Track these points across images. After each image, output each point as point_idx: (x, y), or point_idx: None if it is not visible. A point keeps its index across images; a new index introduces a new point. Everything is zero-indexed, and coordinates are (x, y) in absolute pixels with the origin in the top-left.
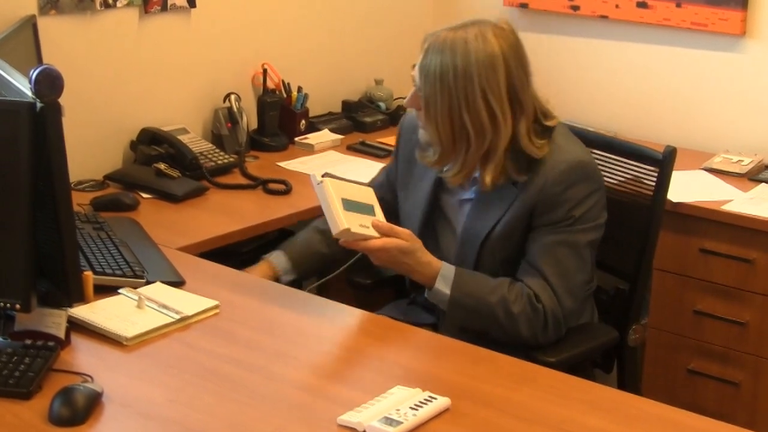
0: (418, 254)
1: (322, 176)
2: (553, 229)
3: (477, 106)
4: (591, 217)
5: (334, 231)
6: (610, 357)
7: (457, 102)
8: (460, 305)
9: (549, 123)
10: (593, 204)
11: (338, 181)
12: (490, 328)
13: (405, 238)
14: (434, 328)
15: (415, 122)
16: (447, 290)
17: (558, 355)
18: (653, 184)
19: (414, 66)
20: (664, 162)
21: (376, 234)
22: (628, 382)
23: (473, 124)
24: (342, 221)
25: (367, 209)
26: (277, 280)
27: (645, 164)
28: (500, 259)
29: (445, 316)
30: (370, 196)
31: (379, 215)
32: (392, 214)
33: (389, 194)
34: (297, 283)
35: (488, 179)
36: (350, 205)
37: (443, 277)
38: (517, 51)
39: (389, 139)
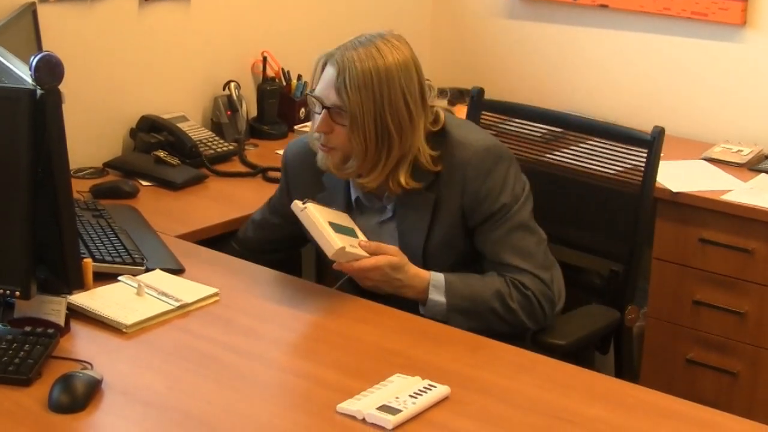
0: (407, 267)
1: (303, 203)
2: (495, 223)
3: (399, 107)
4: (518, 192)
5: (330, 252)
6: (606, 338)
7: (381, 105)
8: (458, 310)
9: (437, 128)
10: (513, 179)
11: (320, 206)
12: (492, 324)
13: (393, 253)
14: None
15: (302, 152)
16: (442, 298)
17: (567, 338)
18: (642, 166)
19: (311, 93)
20: (653, 143)
21: (365, 254)
22: (625, 364)
23: (395, 126)
24: (336, 242)
25: (350, 232)
26: None
27: (634, 147)
28: (448, 265)
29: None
30: (348, 220)
31: (362, 237)
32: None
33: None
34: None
35: (402, 180)
36: (336, 228)
37: (434, 286)
38: (416, 59)
39: None
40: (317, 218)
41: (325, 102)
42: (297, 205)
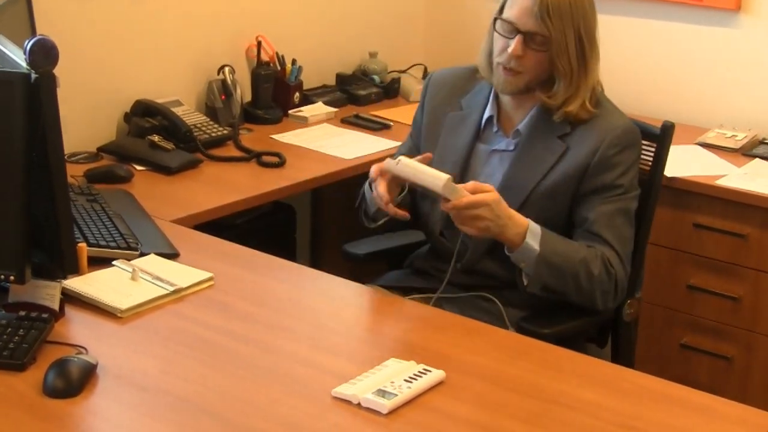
0: (506, 206)
1: (395, 159)
2: (607, 197)
3: (591, 34)
4: (635, 185)
5: (439, 185)
6: (604, 332)
7: (579, 31)
8: (547, 263)
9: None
10: (635, 172)
11: (412, 160)
12: (569, 288)
13: (492, 191)
14: (429, 291)
15: (449, 75)
16: (537, 246)
17: (551, 328)
18: (650, 159)
19: (499, 17)
20: (662, 137)
21: (468, 193)
22: (622, 357)
23: (590, 51)
24: (441, 175)
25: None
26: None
27: (643, 140)
28: (537, 219)
29: (530, 275)
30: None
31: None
32: None
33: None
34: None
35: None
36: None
37: (532, 231)
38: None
39: (383, 112)
40: (416, 164)
41: (521, 27)
42: (389, 162)
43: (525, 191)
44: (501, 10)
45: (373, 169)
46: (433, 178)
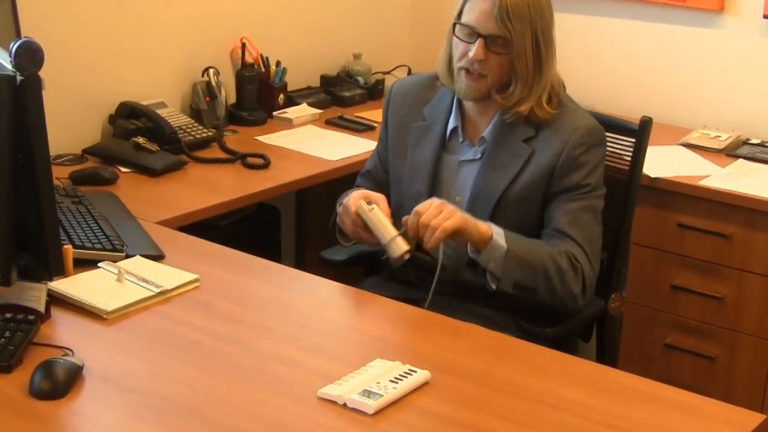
0: (469, 223)
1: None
2: (573, 195)
3: (548, 35)
4: (601, 184)
5: (385, 239)
6: (589, 326)
7: (536, 32)
8: (516, 258)
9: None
10: (602, 172)
11: (380, 213)
12: (539, 283)
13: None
14: (414, 303)
15: (410, 84)
16: (503, 242)
17: (553, 326)
18: (630, 155)
19: (458, 21)
20: (641, 133)
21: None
22: (607, 354)
23: (546, 52)
24: (390, 232)
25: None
26: None
27: (621, 136)
28: (511, 224)
29: (499, 274)
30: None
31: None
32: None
33: (382, 173)
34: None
35: (546, 107)
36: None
37: (496, 231)
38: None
39: (367, 114)
40: (379, 217)
41: (481, 31)
42: (363, 206)
43: (494, 198)
44: (459, 14)
45: (351, 207)
46: (383, 233)
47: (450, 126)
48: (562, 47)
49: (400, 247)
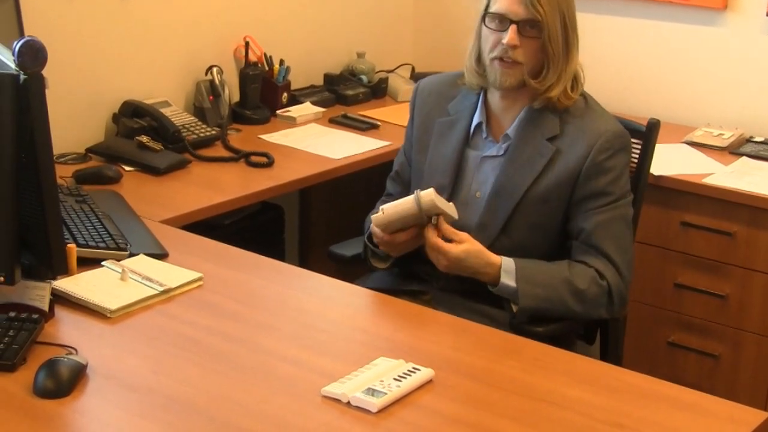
0: (470, 261)
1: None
2: (602, 205)
3: (574, 18)
4: (628, 190)
5: (415, 208)
6: (592, 328)
7: (564, 15)
8: (527, 296)
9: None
10: (627, 177)
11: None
12: (558, 311)
13: (464, 241)
14: (422, 295)
15: (435, 82)
16: (513, 283)
17: (545, 325)
18: (636, 156)
19: (487, 11)
20: (648, 134)
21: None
22: (611, 354)
23: (573, 36)
24: (413, 197)
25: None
26: None
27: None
28: (530, 224)
29: (516, 310)
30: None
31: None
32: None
33: (408, 172)
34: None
35: (572, 94)
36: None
37: (505, 271)
38: None
39: (371, 112)
40: (393, 203)
41: (513, 17)
42: (376, 217)
43: (517, 195)
44: (487, 6)
45: (375, 231)
46: (406, 205)
47: (474, 122)
48: None
49: (425, 191)
